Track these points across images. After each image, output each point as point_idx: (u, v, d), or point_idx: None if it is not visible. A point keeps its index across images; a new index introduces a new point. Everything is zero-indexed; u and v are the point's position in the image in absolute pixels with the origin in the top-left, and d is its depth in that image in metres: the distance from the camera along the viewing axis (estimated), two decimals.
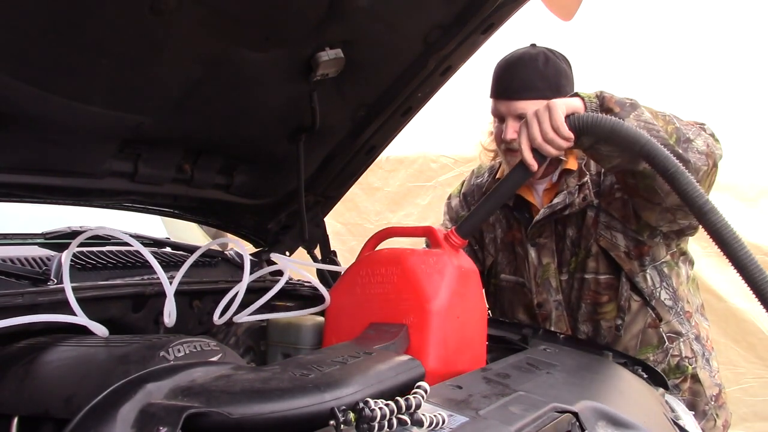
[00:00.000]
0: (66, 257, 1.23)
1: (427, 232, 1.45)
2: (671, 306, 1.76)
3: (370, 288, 1.35)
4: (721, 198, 3.07)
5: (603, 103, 1.41)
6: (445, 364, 1.26)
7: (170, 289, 1.26)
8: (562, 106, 1.35)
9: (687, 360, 1.78)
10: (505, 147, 1.72)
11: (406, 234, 1.54)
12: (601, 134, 1.32)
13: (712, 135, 1.53)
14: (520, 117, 1.62)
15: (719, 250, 1.17)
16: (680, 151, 1.40)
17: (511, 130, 1.66)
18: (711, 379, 1.83)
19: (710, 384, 1.82)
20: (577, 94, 1.42)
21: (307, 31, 1.39)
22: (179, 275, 1.36)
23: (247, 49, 1.36)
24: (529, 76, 1.66)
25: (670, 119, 1.45)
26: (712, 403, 1.82)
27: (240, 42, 1.33)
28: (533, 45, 1.75)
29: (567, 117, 1.34)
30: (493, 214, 1.78)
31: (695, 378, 1.80)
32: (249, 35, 1.33)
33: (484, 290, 1.58)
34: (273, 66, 1.44)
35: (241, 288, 1.37)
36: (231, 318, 1.39)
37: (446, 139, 3.86)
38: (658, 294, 1.74)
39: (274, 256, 1.87)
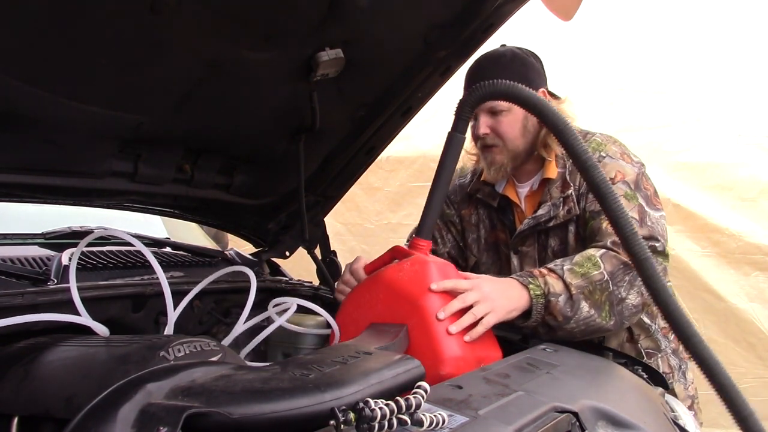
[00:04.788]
0: (73, 259, 1.23)
1: (395, 253, 1.45)
2: (649, 324, 1.80)
3: (363, 317, 1.34)
4: (721, 198, 3.07)
5: (548, 307, 1.45)
6: (462, 348, 1.27)
7: (169, 293, 1.26)
8: (508, 306, 1.39)
9: (665, 376, 1.79)
10: (481, 144, 1.77)
11: (379, 264, 1.47)
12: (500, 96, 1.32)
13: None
14: (491, 112, 1.71)
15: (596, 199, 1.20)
16: (614, 322, 1.50)
17: (484, 125, 1.73)
18: (684, 391, 1.85)
19: (683, 396, 1.84)
20: (527, 289, 1.43)
21: (307, 31, 1.39)
22: (195, 290, 1.39)
23: (248, 49, 1.36)
24: (496, 72, 1.68)
25: (604, 285, 1.48)
26: None
27: (240, 42, 1.33)
28: (503, 45, 1.80)
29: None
30: (441, 205, 1.67)
31: (670, 392, 1.81)
32: (249, 35, 1.33)
33: None
34: (273, 66, 1.44)
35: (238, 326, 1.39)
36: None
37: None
38: None
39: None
